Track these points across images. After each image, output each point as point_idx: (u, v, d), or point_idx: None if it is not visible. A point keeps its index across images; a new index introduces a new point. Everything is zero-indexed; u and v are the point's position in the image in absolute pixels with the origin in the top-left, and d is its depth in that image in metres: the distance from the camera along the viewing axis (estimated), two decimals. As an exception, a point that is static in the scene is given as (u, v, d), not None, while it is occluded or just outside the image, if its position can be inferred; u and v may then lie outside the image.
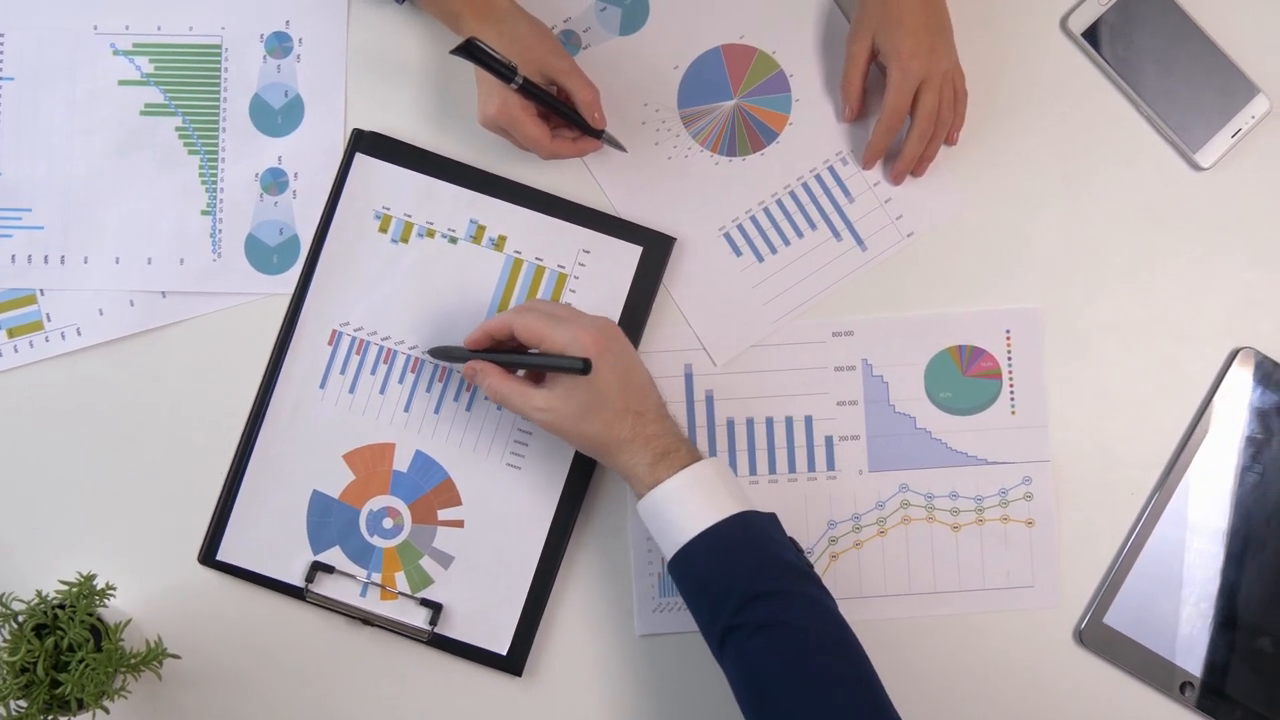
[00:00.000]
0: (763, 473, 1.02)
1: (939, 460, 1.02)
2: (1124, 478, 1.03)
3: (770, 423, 1.02)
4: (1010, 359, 1.03)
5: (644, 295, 1.02)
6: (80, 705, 0.89)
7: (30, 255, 1.02)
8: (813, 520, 1.02)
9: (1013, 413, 1.02)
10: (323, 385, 1.01)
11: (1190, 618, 1.01)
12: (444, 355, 0.99)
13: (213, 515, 1.00)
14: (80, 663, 0.88)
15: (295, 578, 0.99)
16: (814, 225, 1.04)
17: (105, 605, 0.94)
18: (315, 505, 1.00)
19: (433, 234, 1.02)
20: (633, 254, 1.02)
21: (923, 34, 0.98)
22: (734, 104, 1.05)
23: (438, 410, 1.01)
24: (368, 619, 0.99)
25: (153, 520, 1.01)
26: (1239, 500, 1.02)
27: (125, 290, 1.02)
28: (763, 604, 0.86)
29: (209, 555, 1.00)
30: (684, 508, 0.89)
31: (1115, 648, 1.01)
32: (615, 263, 1.02)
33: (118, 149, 1.02)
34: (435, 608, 0.99)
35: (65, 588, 0.92)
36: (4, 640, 0.90)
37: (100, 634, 0.91)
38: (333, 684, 1.00)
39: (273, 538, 1.00)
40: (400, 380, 1.01)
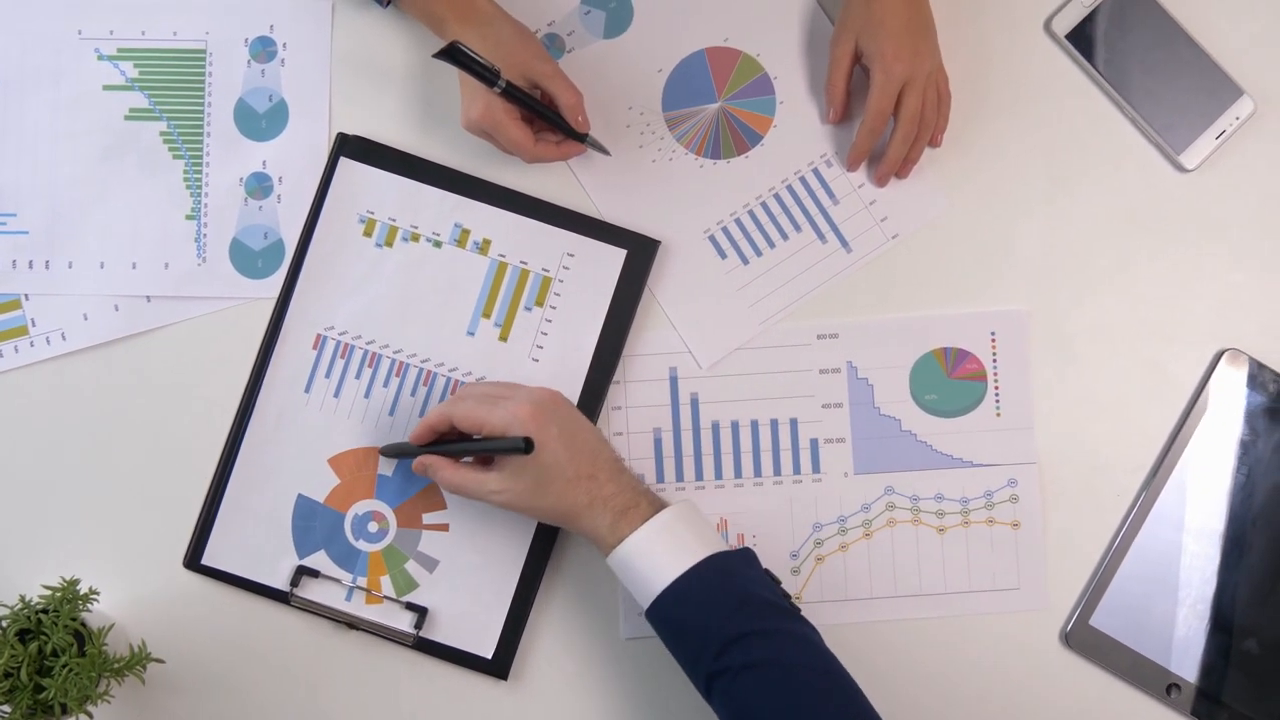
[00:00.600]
0: (748, 476, 1.02)
1: (924, 463, 1.02)
2: (1110, 480, 1.02)
3: (755, 425, 1.02)
4: (995, 361, 1.03)
5: (629, 298, 1.02)
6: (64, 710, 0.89)
7: (15, 260, 1.02)
8: (798, 523, 1.01)
9: (998, 415, 1.02)
10: (307, 389, 1.01)
11: (1178, 620, 1.01)
12: (395, 453, 0.99)
13: (198, 519, 1.00)
14: (64, 668, 0.88)
15: (280, 582, 0.99)
16: (799, 228, 1.04)
17: (89, 610, 0.94)
18: (300, 509, 1.00)
19: (417, 238, 1.02)
20: (617, 257, 1.02)
21: (905, 36, 0.98)
22: (718, 107, 1.05)
23: (422, 414, 1.00)
24: (353, 623, 0.99)
25: (137, 524, 1.01)
26: (1225, 502, 1.02)
27: (110, 295, 1.02)
28: (744, 645, 0.86)
29: (194, 559, 1.00)
30: (651, 560, 0.88)
31: (1102, 650, 1.00)
32: (600, 266, 1.02)
33: (102, 154, 1.03)
34: (420, 611, 0.99)
35: (49, 592, 0.92)
36: (-13, 645, 0.90)
37: (84, 639, 0.91)
38: (318, 688, 1.00)
39: (258, 542, 1.00)
40: (385, 384, 1.01)
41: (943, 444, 1.02)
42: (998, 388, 1.03)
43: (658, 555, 0.89)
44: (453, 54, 0.93)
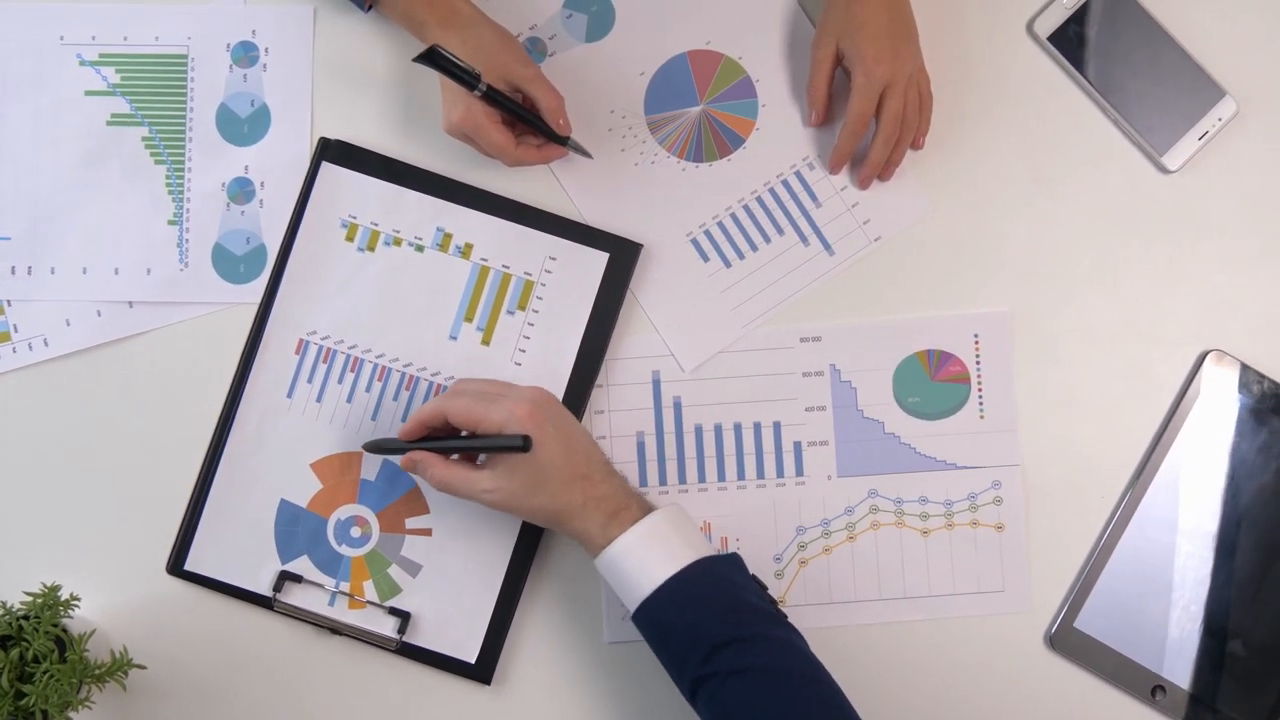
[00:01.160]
0: (731, 479, 1.02)
1: (908, 465, 1.02)
2: (1094, 481, 1.02)
3: (739, 429, 1.02)
4: (979, 363, 1.03)
5: (611, 302, 1.01)
6: (45, 716, 0.89)
7: (-3, 266, 1.02)
8: (782, 527, 1.01)
9: (981, 417, 1.02)
10: (290, 394, 1.01)
11: (1163, 622, 1.00)
12: (379, 449, 0.98)
13: (180, 525, 1.00)
14: (45, 674, 0.88)
15: (263, 587, 0.99)
16: (781, 230, 1.04)
17: (70, 616, 0.94)
18: (283, 514, 1.00)
19: (399, 242, 1.02)
20: (599, 261, 1.02)
21: (886, 39, 0.98)
22: (700, 110, 1.05)
23: (404, 418, 1.00)
24: (336, 628, 0.99)
25: (120, 530, 1.00)
26: (1210, 503, 1.01)
27: (92, 300, 1.02)
28: (730, 651, 0.86)
29: (177, 565, 1.00)
30: (640, 562, 0.88)
31: (1087, 652, 1.00)
32: (582, 269, 1.02)
33: (84, 159, 1.02)
34: (403, 616, 0.99)
35: (30, 598, 0.91)
36: (-32, 652, 0.89)
37: (65, 645, 0.91)
38: (301, 694, 0.99)
39: (240, 547, 1.00)
40: (367, 389, 1.01)
41: (926, 446, 1.02)
42: (981, 390, 1.02)
43: (646, 558, 0.88)
44: (433, 57, 0.93)
